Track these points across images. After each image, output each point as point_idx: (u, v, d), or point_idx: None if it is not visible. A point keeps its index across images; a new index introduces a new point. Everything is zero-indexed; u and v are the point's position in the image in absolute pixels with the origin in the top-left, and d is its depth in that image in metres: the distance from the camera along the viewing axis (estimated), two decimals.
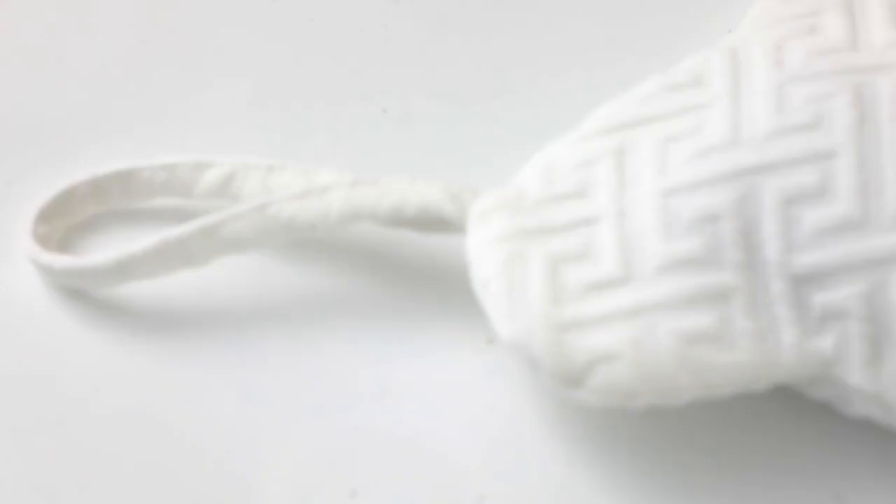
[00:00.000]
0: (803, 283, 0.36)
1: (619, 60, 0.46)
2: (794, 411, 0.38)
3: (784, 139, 0.37)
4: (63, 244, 0.42)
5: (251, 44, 0.48)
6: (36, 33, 0.49)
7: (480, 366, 0.40)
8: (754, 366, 0.36)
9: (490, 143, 0.45)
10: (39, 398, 0.40)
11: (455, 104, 0.46)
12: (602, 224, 0.38)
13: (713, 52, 0.40)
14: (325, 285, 0.42)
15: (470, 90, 0.46)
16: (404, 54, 0.47)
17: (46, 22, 0.49)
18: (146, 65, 0.48)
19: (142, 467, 0.39)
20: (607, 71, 0.45)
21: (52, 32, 0.49)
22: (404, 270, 0.42)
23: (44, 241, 0.42)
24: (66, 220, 0.43)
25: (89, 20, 0.49)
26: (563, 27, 0.47)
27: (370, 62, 0.47)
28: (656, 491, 0.38)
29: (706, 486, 0.38)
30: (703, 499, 0.38)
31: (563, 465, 0.38)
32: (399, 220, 0.40)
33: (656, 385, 0.36)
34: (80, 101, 0.46)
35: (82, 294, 0.41)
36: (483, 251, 0.38)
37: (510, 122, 0.45)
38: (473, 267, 0.38)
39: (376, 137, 0.45)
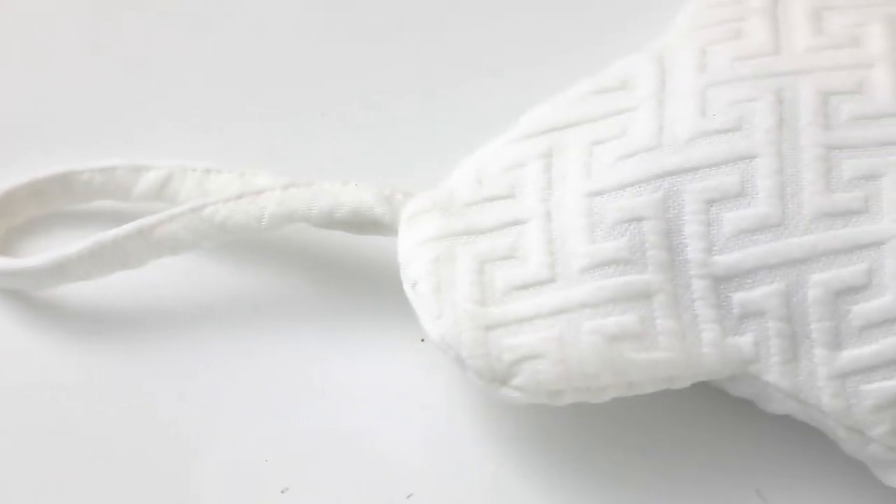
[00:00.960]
0: (723, 282, 0.37)
1: (554, 63, 0.46)
2: (717, 408, 0.39)
3: (706, 142, 0.38)
4: (3, 246, 0.43)
5: (190, 50, 0.48)
6: None
7: (416, 365, 0.40)
8: (676, 364, 0.37)
9: (429, 144, 0.46)
10: None
11: (394, 107, 0.47)
12: (529, 225, 0.38)
13: (641, 56, 0.41)
14: (262, 286, 0.42)
15: (409, 93, 0.47)
16: (343, 58, 0.48)
17: None
18: (84, 70, 0.48)
19: (79, 465, 0.39)
20: (543, 73, 0.45)
21: None
22: (341, 271, 0.43)
23: None
24: (6, 222, 0.43)
25: (30, 26, 0.50)
26: (499, 31, 0.48)
27: (309, 66, 0.48)
28: (585, 487, 0.38)
29: (633, 482, 0.38)
30: (630, 494, 0.38)
31: (494, 464, 0.39)
32: (332, 221, 0.40)
33: (580, 383, 0.37)
34: (18, 106, 0.47)
35: (21, 295, 0.42)
36: (413, 252, 0.39)
37: (448, 124, 0.46)
38: (403, 268, 0.39)
39: (316, 140, 0.46)
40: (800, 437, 0.38)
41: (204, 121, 0.46)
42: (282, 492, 0.38)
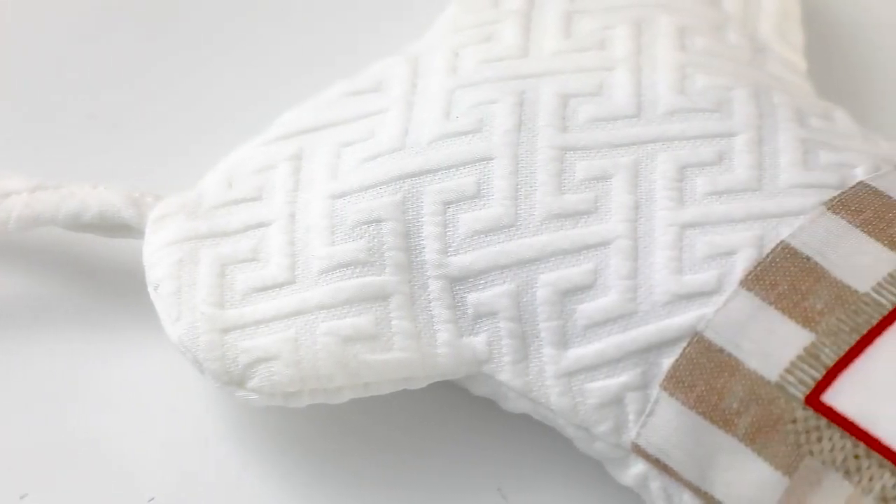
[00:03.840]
0: (458, 283, 0.37)
1: (314, 65, 0.46)
2: (460, 407, 0.39)
3: (446, 143, 0.38)
4: None
5: None
6: None
7: (163, 367, 0.40)
8: (411, 364, 0.37)
9: (200, 146, 0.45)
10: None
11: (163, 110, 0.46)
12: (273, 227, 0.38)
13: (396, 59, 0.41)
14: (10, 287, 0.42)
15: (177, 96, 0.47)
16: (112, 61, 0.47)
17: None
18: None
19: None
20: (303, 75, 0.45)
21: None
22: (91, 273, 0.42)
23: None
24: None
25: None
26: (261, 34, 0.48)
27: (78, 67, 0.47)
28: (328, 487, 0.39)
29: (376, 482, 0.39)
30: (373, 493, 0.39)
31: (237, 466, 0.39)
32: (80, 224, 0.40)
33: (315, 384, 0.37)
34: None
35: None
36: (157, 255, 0.38)
37: (219, 127, 0.46)
38: (147, 270, 0.38)
39: (83, 143, 0.46)
40: (540, 436, 0.39)
41: None
42: (20, 497, 0.38)
